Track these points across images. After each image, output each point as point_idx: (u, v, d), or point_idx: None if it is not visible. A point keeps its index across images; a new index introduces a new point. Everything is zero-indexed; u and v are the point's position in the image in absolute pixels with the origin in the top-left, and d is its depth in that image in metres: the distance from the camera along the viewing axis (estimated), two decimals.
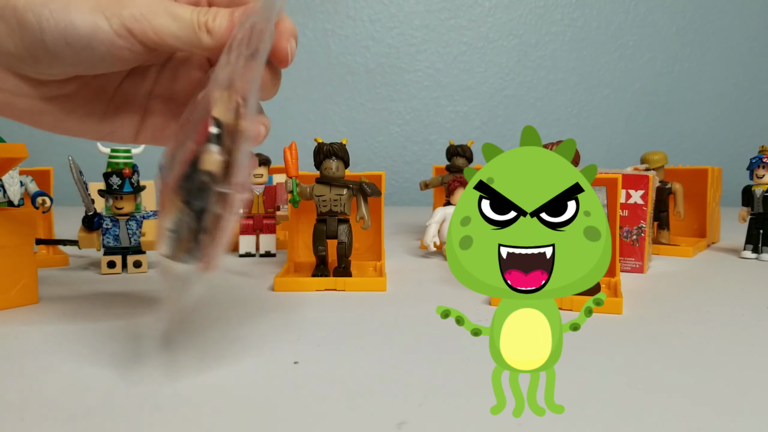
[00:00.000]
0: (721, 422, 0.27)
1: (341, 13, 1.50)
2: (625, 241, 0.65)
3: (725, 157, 1.56)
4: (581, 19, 1.54)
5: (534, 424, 0.27)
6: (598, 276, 0.23)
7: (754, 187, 0.72)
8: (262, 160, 0.74)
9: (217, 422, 0.27)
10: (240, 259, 0.72)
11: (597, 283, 0.49)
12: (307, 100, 1.51)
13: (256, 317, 0.45)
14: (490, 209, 0.23)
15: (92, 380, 0.32)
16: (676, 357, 0.36)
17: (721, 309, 0.48)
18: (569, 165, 0.24)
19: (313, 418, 0.28)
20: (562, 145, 0.24)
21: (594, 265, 0.23)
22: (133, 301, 0.50)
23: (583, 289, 0.23)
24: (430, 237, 0.72)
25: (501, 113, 1.54)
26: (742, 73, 1.58)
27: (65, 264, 0.67)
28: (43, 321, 0.44)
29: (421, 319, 0.45)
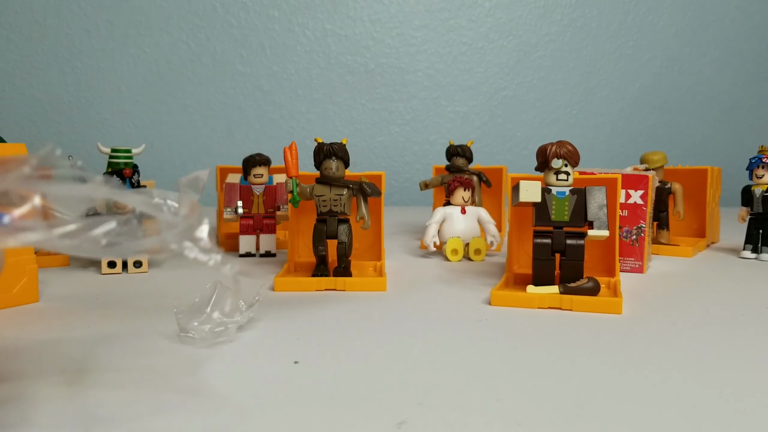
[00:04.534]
0: (721, 422, 0.27)
1: (341, 13, 1.50)
2: (625, 241, 0.65)
3: (725, 157, 1.56)
4: (581, 19, 1.54)
5: (534, 424, 0.27)
6: None
7: (754, 187, 0.72)
8: (263, 160, 0.74)
9: (217, 422, 0.27)
10: (240, 259, 0.72)
11: (596, 281, 0.49)
12: (307, 100, 1.51)
13: (256, 317, 0.45)
14: None
15: (92, 380, 0.32)
16: (676, 357, 0.36)
17: (720, 309, 0.48)
18: None
19: (313, 418, 0.28)
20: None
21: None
22: (133, 301, 0.51)
23: None
24: (430, 237, 0.72)
25: (501, 113, 1.54)
26: (742, 73, 1.58)
27: (65, 264, 0.67)
28: (43, 320, 0.44)
29: (421, 319, 0.45)
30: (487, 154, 1.52)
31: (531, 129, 1.55)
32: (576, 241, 0.50)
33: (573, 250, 0.49)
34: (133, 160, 0.63)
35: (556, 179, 0.51)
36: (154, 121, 1.49)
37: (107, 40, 1.46)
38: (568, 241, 0.50)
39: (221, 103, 1.49)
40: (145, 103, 1.48)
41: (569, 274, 0.50)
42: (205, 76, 1.49)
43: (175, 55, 1.48)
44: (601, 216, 0.50)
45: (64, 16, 1.45)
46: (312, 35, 1.48)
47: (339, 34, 1.50)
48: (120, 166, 0.61)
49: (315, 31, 1.49)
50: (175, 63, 1.48)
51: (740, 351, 0.38)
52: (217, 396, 0.30)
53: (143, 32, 1.46)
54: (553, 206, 0.50)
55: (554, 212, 0.50)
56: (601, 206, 0.50)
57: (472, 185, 0.74)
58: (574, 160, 0.51)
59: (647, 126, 1.58)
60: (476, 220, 0.74)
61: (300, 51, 1.50)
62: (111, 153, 0.62)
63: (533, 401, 0.30)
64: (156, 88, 1.48)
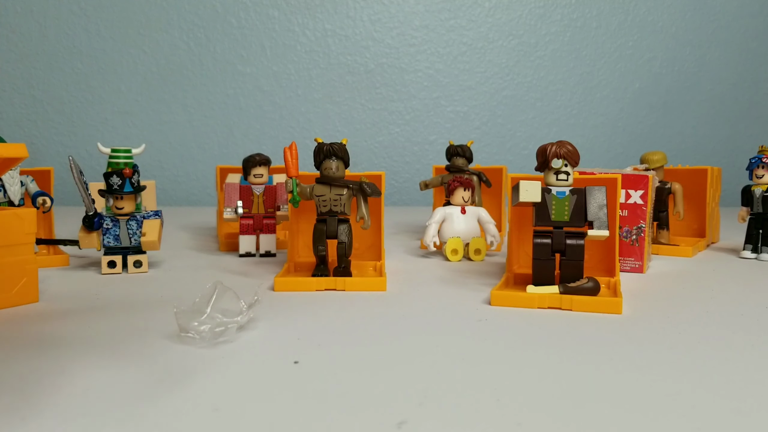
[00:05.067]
0: (722, 422, 0.27)
1: (341, 13, 1.50)
2: (625, 241, 0.65)
3: (725, 157, 1.56)
4: (581, 19, 1.54)
5: (534, 424, 0.27)
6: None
7: (754, 187, 0.72)
8: (263, 160, 0.74)
9: (217, 422, 0.27)
10: (240, 259, 0.72)
11: (596, 281, 0.49)
12: (307, 100, 1.51)
13: (256, 317, 0.45)
14: None
15: (92, 380, 0.32)
16: (676, 357, 0.36)
17: (720, 309, 0.48)
18: None
19: (313, 418, 0.28)
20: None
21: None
22: (133, 301, 0.51)
23: None
24: (430, 237, 0.72)
25: (501, 113, 1.54)
26: (742, 73, 1.58)
27: (65, 264, 0.67)
28: (43, 320, 0.44)
29: (421, 319, 0.45)
30: (487, 154, 1.52)
31: (531, 129, 1.55)
32: (576, 241, 0.50)
33: (573, 250, 0.49)
34: (133, 160, 0.63)
35: (556, 179, 0.51)
36: (154, 121, 1.49)
37: (107, 40, 1.46)
38: (568, 241, 0.50)
39: (221, 103, 1.50)
40: (145, 103, 1.48)
41: (569, 274, 0.50)
42: (205, 76, 1.49)
43: (175, 55, 1.48)
44: (601, 216, 0.50)
45: (64, 16, 1.45)
46: (312, 35, 1.48)
47: (339, 34, 1.50)
48: (120, 166, 0.61)
49: (315, 31, 1.49)
50: (175, 63, 1.48)
51: (740, 351, 0.38)
52: (217, 396, 0.30)
53: (143, 32, 1.46)
54: (553, 206, 0.50)
55: (554, 212, 0.50)
56: (601, 206, 0.50)
57: (472, 185, 0.74)
58: (574, 160, 0.51)
59: (647, 126, 1.58)
60: (476, 220, 0.74)
61: (300, 51, 1.50)
62: (111, 153, 0.62)
63: (533, 401, 0.30)
64: (156, 88, 1.48)
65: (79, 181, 0.60)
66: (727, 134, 1.59)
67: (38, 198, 0.66)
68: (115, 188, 0.61)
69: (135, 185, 0.61)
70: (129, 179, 0.61)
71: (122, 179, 0.61)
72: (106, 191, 0.61)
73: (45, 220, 0.72)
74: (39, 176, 0.70)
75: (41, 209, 0.66)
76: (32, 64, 1.46)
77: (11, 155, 0.48)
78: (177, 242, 0.84)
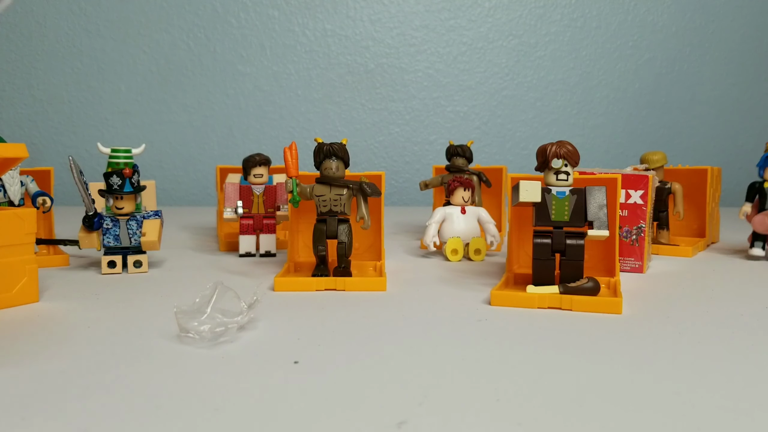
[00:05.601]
0: (722, 422, 0.27)
1: (341, 13, 1.50)
2: (625, 241, 0.65)
3: (725, 157, 1.56)
4: (581, 19, 1.54)
5: (534, 423, 0.27)
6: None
7: (766, 184, 0.71)
8: (263, 160, 0.74)
9: (217, 422, 0.27)
10: (240, 259, 0.72)
11: (596, 281, 0.49)
12: (307, 100, 1.51)
13: (256, 317, 0.45)
14: None
15: (93, 380, 0.32)
16: (676, 357, 0.36)
17: (721, 309, 0.48)
18: None
19: (313, 418, 0.28)
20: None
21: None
22: (133, 302, 0.51)
23: None
24: (430, 237, 0.72)
25: (501, 113, 1.54)
26: (742, 73, 1.58)
27: (65, 264, 0.67)
28: (43, 320, 0.44)
29: (420, 319, 0.45)
30: (487, 154, 1.52)
31: (531, 129, 1.55)
32: (576, 241, 0.50)
33: (573, 250, 0.50)
34: (133, 160, 0.63)
35: (556, 179, 0.51)
36: (154, 121, 1.49)
37: (107, 40, 1.46)
38: (568, 241, 0.50)
39: (221, 103, 1.49)
40: (145, 103, 1.48)
41: (569, 273, 0.50)
42: (205, 76, 1.49)
43: (175, 55, 1.48)
44: (601, 216, 0.50)
45: (64, 16, 1.45)
46: (312, 35, 1.48)
47: (339, 34, 1.50)
48: (120, 166, 0.61)
49: (315, 31, 1.49)
50: (175, 63, 1.48)
51: (740, 351, 0.38)
52: (217, 396, 0.30)
53: (143, 32, 1.46)
54: (553, 206, 0.50)
55: (554, 212, 0.50)
56: (601, 206, 0.50)
57: (472, 185, 0.74)
58: (574, 160, 0.51)
59: (647, 126, 1.58)
60: (476, 220, 0.74)
61: (300, 51, 1.50)
62: (111, 153, 0.62)
63: (533, 401, 0.30)
64: (156, 88, 1.48)
65: (79, 181, 0.60)
66: (727, 134, 1.59)
67: (38, 198, 0.66)
68: (115, 188, 0.61)
69: (135, 185, 0.61)
70: (129, 179, 0.61)
71: (122, 179, 0.61)
72: (106, 191, 0.61)
73: (45, 220, 0.72)
74: (39, 176, 0.70)
75: (41, 209, 0.66)
76: (32, 64, 1.46)
77: (11, 155, 0.48)
78: (177, 242, 0.84)
